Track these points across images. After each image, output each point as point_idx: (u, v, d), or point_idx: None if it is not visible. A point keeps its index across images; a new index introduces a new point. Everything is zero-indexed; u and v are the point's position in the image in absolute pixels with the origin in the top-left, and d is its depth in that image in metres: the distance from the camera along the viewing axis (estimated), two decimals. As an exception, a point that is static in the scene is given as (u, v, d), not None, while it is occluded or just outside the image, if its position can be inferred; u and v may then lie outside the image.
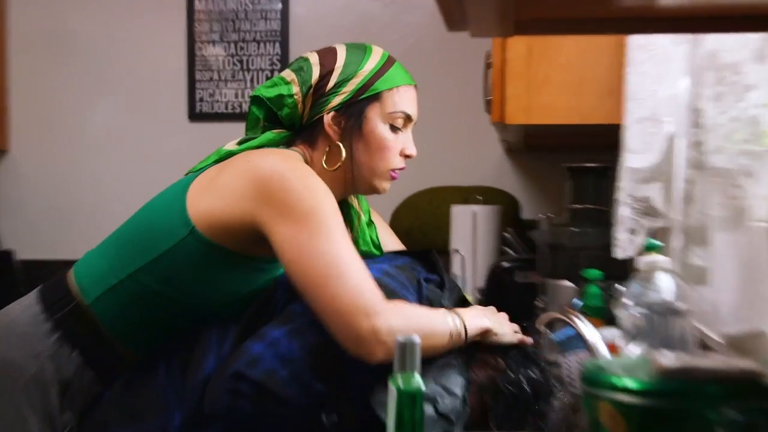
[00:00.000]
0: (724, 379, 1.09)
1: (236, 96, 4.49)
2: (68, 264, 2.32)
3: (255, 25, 4.47)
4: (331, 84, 2.30)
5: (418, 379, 1.54)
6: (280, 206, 2.10)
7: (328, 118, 2.30)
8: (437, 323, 2.11)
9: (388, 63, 2.34)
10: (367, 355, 2.04)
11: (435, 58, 4.15)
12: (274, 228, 2.11)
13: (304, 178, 2.14)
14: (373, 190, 2.39)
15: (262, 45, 4.48)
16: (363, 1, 4.41)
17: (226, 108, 4.50)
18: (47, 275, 3.49)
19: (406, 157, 2.36)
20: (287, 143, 2.35)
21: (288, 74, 2.35)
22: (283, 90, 2.34)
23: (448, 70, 4.16)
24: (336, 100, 2.30)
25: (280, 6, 4.45)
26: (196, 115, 4.51)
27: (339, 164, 2.30)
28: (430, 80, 2.42)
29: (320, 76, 2.31)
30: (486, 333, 2.21)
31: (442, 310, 2.18)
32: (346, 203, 2.43)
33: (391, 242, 2.63)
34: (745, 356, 1.26)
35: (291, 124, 2.35)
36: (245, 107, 4.44)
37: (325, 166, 2.30)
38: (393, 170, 2.35)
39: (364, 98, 2.30)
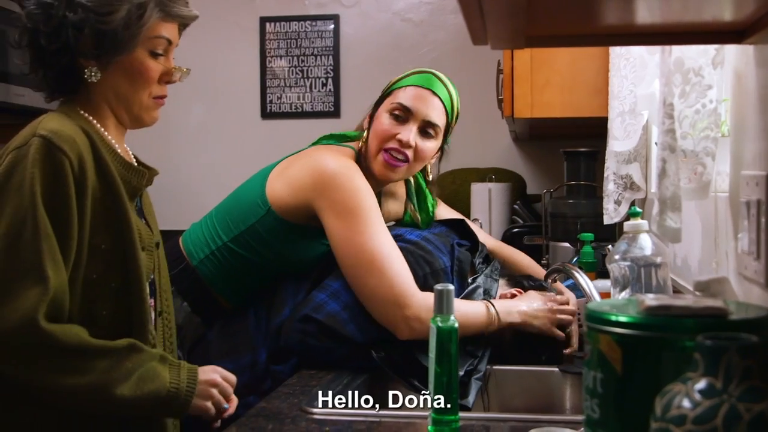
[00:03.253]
0: (696, 315, 1.11)
1: (298, 98, 4.51)
2: (170, 233, 2.33)
3: (312, 42, 4.48)
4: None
5: (453, 320, 1.56)
6: (331, 200, 2.11)
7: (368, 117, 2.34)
8: (470, 315, 2.09)
9: (411, 73, 2.33)
10: (397, 335, 2.06)
11: (455, 67, 4.10)
12: (326, 218, 2.12)
13: (352, 178, 2.13)
14: (374, 172, 2.27)
15: (318, 58, 4.49)
16: (398, 23, 4.41)
17: (291, 108, 4.51)
18: (156, 242, 3.52)
19: (400, 142, 2.24)
20: (356, 138, 2.36)
21: None
22: None
23: (466, 77, 4.13)
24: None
25: (332, 27, 4.46)
26: (267, 114, 4.53)
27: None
28: (452, 85, 2.42)
29: None
30: (521, 323, 2.17)
31: (481, 302, 2.15)
32: (409, 187, 2.43)
33: (447, 215, 2.59)
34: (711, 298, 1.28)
35: None
36: (306, 107, 4.49)
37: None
38: (386, 151, 2.25)
39: (382, 96, 2.33)
